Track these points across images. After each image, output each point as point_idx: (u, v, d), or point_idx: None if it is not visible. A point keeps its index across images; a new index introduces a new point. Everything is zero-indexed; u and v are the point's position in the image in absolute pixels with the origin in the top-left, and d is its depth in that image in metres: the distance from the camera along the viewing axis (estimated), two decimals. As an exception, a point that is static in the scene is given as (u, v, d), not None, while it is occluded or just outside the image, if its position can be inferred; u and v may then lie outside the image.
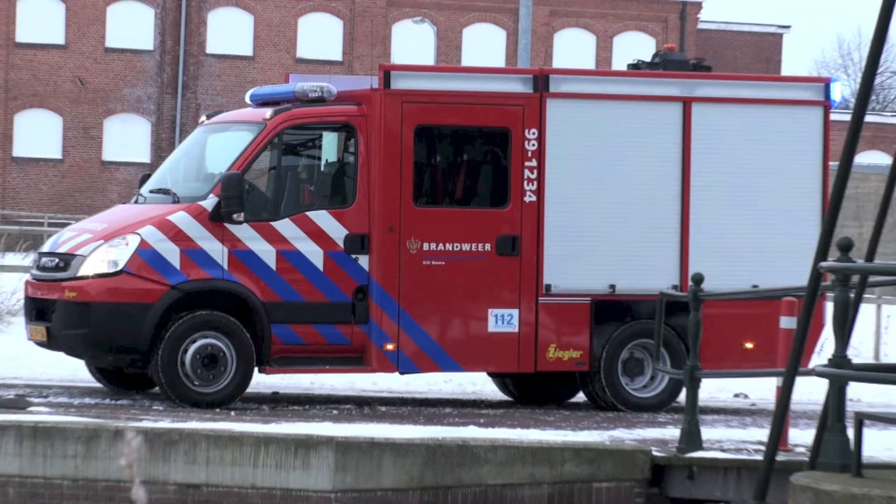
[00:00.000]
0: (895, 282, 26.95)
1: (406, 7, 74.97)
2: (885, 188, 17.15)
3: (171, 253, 22.13)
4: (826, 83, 25.57)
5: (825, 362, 16.22)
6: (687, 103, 23.89)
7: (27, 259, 30.03)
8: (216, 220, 22.17)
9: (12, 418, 19.78)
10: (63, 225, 31.99)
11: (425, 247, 22.78)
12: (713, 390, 22.94)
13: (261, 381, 22.92)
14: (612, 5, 76.75)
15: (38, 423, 19.58)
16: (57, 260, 22.84)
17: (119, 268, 22.14)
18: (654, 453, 19.13)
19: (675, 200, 23.59)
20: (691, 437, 18.83)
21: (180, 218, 22.27)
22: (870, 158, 64.62)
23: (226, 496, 18.73)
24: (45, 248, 23.97)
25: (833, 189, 17.57)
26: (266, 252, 22.33)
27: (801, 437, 17.51)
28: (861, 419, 15.36)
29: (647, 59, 26.26)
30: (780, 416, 17.03)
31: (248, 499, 18.73)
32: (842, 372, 15.54)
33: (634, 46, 65.44)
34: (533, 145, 23.18)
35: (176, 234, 22.17)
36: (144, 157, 67.19)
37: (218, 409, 21.53)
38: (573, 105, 23.67)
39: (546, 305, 23.09)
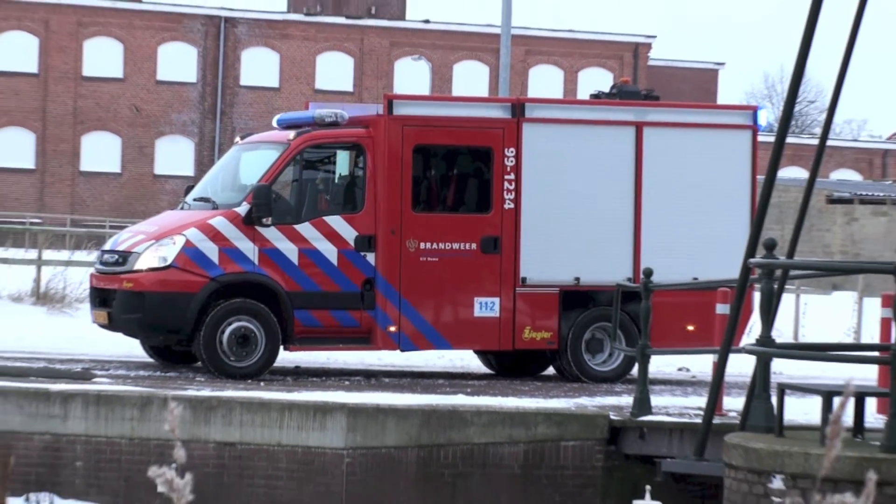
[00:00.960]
0: (811, 275, 27.10)
1: (406, 47, 74.81)
2: (802, 198, 17.29)
3: (211, 251, 22.12)
4: (754, 110, 25.61)
5: (753, 342, 16.37)
6: (639, 127, 23.82)
7: (92, 256, 30.00)
8: (248, 223, 22.15)
9: (80, 387, 19.85)
10: (121, 228, 32.05)
11: (422, 246, 22.76)
12: (661, 365, 22.96)
13: (285, 358, 22.89)
14: (576, 46, 76.58)
15: (101, 392, 19.63)
16: (117, 256, 22.81)
17: (168, 263, 22.11)
18: (612, 417, 19.11)
19: (630, 207, 23.52)
20: (642, 404, 18.82)
21: (219, 222, 22.29)
22: (790, 173, 64.54)
23: (256, 452, 18.76)
24: (107, 246, 23.94)
25: (760, 198, 17.71)
26: (290, 250, 22.32)
27: (734, 403, 17.54)
28: (783, 389, 15.43)
29: (606, 90, 26.29)
30: (716, 386, 17.11)
31: (274, 455, 18.74)
32: (767, 349, 15.65)
33: (595, 80, 65.26)
34: (511, 161, 23.15)
35: (215, 235, 22.15)
36: (189, 171, 66.95)
37: (249, 381, 21.50)
38: (545, 128, 23.61)
39: (522, 294, 23.07)
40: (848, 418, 14.80)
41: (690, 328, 22.67)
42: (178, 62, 72.03)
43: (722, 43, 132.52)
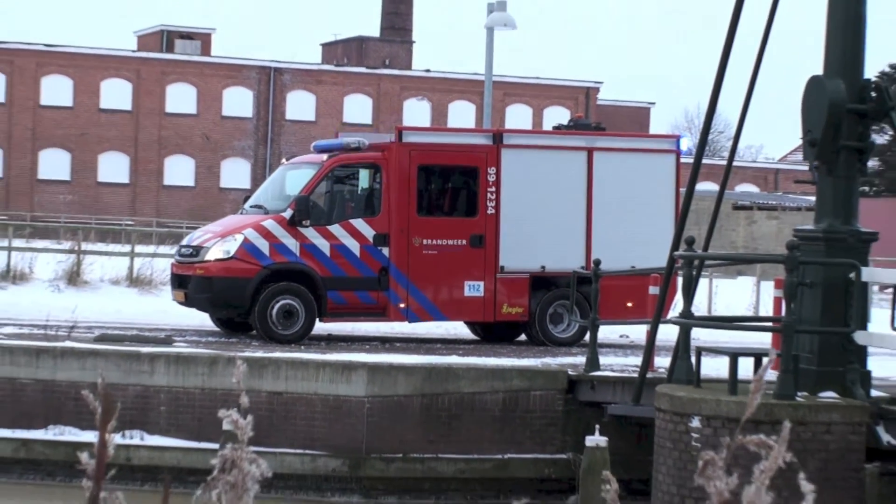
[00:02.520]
0: (721, 264, 26.95)
1: (412, 90, 74.83)
2: (714, 206, 17.27)
3: (263, 245, 22.10)
4: (677, 139, 25.63)
5: (677, 315, 16.33)
6: (590, 151, 23.75)
7: (172, 249, 29.95)
8: (291, 225, 22.11)
9: (164, 350, 19.85)
10: (195, 228, 32.00)
11: (424, 242, 22.72)
12: (607, 333, 22.96)
13: (320, 327, 22.85)
14: (542, 89, 76.60)
15: (179, 353, 19.64)
16: (191, 250, 22.78)
17: (230, 255, 22.07)
18: (569, 373, 19.12)
19: (583, 212, 23.46)
20: (593, 363, 18.84)
21: (269, 224, 22.26)
22: (704, 187, 64.34)
23: (298, 399, 18.75)
24: (184, 242, 23.92)
25: (682, 206, 17.70)
26: (323, 245, 22.28)
27: (662, 362, 17.54)
28: (700, 351, 15.39)
29: (565, 123, 26.33)
30: (649, 349, 17.10)
31: (312, 401, 18.72)
32: (687, 321, 15.64)
33: (556, 115, 65.25)
34: (493, 178, 23.10)
35: (266, 234, 22.11)
36: (246, 185, 66.88)
37: (293, 345, 21.54)
38: (518, 152, 23.53)
39: (501, 279, 23.00)
40: (748, 373, 14.76)
41: (629, 305, 22.63)
42: (238, 102, 72.07)
43: (653, 87, 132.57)
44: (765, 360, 14.84)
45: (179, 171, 71.08)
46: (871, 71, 15.57)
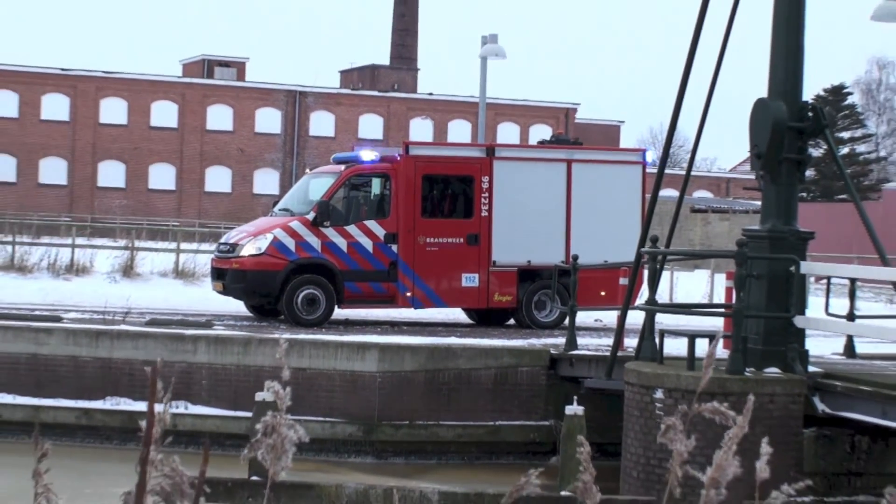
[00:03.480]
0: (681, 259, 26.86)
1: (417, 110, 74.75)
2: (675, 209, 17.28)
3: (290, 243, 22.10)
4: (643, 152, 25.65)
5: (643, 302, 16.40)
6: (569, 163, 23.76)
7: (212, 247, 29.94)
8: (314, 225, 22.12)
9: (204, 332, 19.85)
10: (231, 228, 31.98)
11: (428, 240, 22.71)
12: (583, 318, 23.00)
13: (338, 313, 22.90)
14: (527, 109, 76.49)
15: (218, 335, 19.65)
16: (228, 247, 22.78)
17: (262, 251, 22.08)
18: (552, 351, 19.15)
19: (563, 215, 23.45)
20: (571, 343, 18.84)
21: (295, 224, 22.27)
22: (667, 193, 64.46)
23: (319, 374, 18.73)
24: (222, 240, 23.93)
25: (647, 209, 17.70)
26: (341, 242, 22.29)
27: (631, 343, 17.54)
28: (662, 333, 15.39)
29: (548, 138, 26.32)
30: (619, 331, 17.08)
31: (331, 376, 18.71)
32: (652, 307, 15.66)
33: (540, 132, 65.43)
34: (486, 185, 23.11)
35: (293, 233, 22.13)
36: (275, 191, 66.70)
37: (315, 328, 21.58)
38: (508, 164, 23.54)
39: (493, 272, 22.98)
40: (704, 352, 14.74)
41: (602, 293, 22.60)
42: (268, 120, 72.06)
43: (623, 108, 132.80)
44: (713, 342, 14.85)
45: (218, 179, 71.06)
46: (809, 94, 15.56)
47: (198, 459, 2.85)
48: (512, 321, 23.64)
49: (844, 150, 72.33)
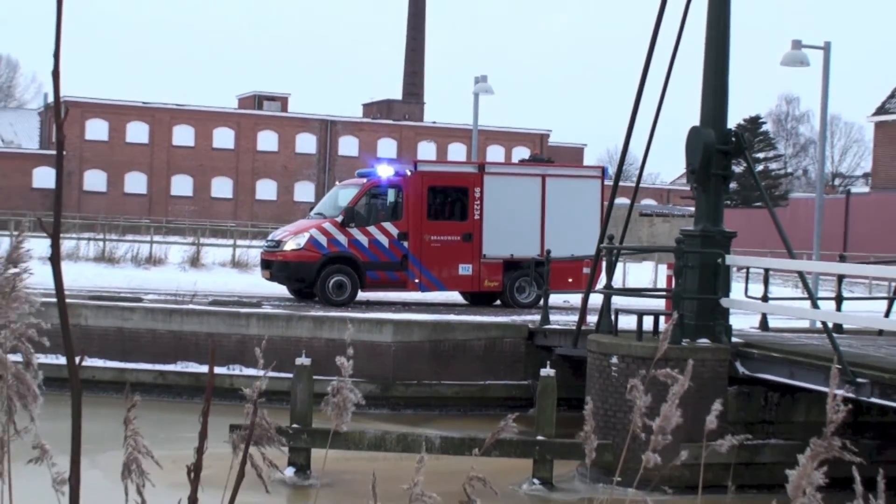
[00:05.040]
0: (631, 253, 26.71)
1: (424, 136, 74.59)
2: (627, 214, 17.27)
3: (323, 240, 22.06)
4: (602, 168, 25.61)
5: (602, 287, 16.41)
6: (544, 177, 23.75)
7: (261, 243, 29.90)
8: (342, 226, 22.05)
9: (255, 310, 19.82)
10: (276, 228, 31.92)
11: (432, 238, 22.68)
12: (554, 299, 23.02)
13: (361, 296, 22.89)
14: (511, 135, 76.11)
15: (266, 313, 19.60)
16: (275, 242, 22.73)
17: (301, 246, 22.06)
18: (529, 326, 19.16)
19: (539, 218, 23.44)
20: (545, 319, 18.84)
21: (327, 225, 22.22)
22: (620, 201, 64.55)
23: (345, 344, 18.77)
24: (270, 237, 23.80)
25: (605, 214, 17.65)
26: (364, 239, 22.24)
27: (592, 319, 17.56)
28: (617, 311, 15.37)
29: (527, 157, 26.27)
30: (583, 310, 17.03)
31: (356, 345, 18.61)
32: (609, 291, 15.61)
33: (521, 153, 65.24)
34: (478, 194, 23.09)
35: (325, 232, 22.10)
36: (311, 199, 66.68)
37: (342, 308, 21.56)
38: (496, 178, 23.47)
39: (484, 263, 22.94)
40: (648, 326, 14.73)
41: (570, 280, 22.66)
42: (306, 143, 71.87)
43: (586, 133, 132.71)
44: (669, 320, 14.84)
45: (266, 190, 70.80)
46: (732, 123, 15.58)
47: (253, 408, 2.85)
48: (498, 302, 23.60)
49: (760, 168, 72.36)
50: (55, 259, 2.17)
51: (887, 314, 16.81)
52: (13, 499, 2.35)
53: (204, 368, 18.67)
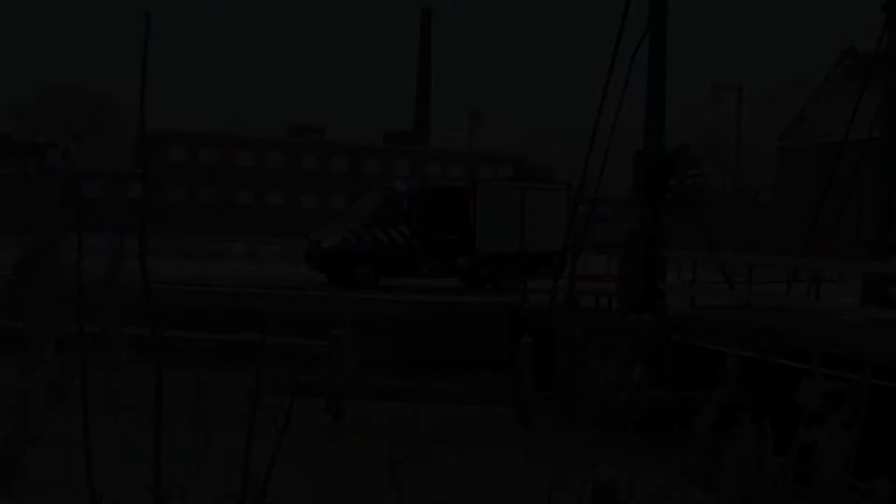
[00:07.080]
0: (593, 249, 26.56)
1: (431, 159, 74.63)
2: (587, 218, 17.24)
3: (353, 238, 21.80)
4: (567, 183, 25.38)
5: (568, 274, 16.38)
6: (524, 189, 23.76)
7: (305, 241, 29.82)
8: (368, 227, 21.83)
9: (316, 294, 19.65)
10: (316, 230, 31.81)
11: (437, 236, 22.53)
12: (531, 285, 22.96)
13: (383, 282, 22.76)
14: (497, 158, 75.89)
15: (312, 294, 19.44)
16: (315, 240, 22.60)
17: (336, 243, 22.09)
18: (512, 305, 19.27)
19: (519, 221, 23.30)
20: (524, 299, 18.78)
21: (356, 227, 21.98)
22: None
23: (370, 317, 18.64)
24: (311, 236, 23.60)
25: (570, 218, 17.59)
26: (384, 238, 21.91)
27: (561, 299, 17.43)
28: (580, 293, 15.46)
29: (510, 175, 26.20)
30: (554, 292, 17.13)
31: (377, 318, 18.66)
32: (573, 277, 15.71)
33: (505, 171, 65.06)
34: (472, 204, 23.09)
35: (354, 232, 21.83)
36: (342, 207, 66.72)
37: (368, 291, 21.47)
38: (486, 191, 23.34)
39: (477, 256, 22.91)
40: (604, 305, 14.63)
41: (543, 269, 22.61)
42: (339, 164, 71.62)
43: (554, 156, 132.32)
44: (600, 298, 14.76)
45: (309, 200, 70.73)
46: (668, 147, 15.60)
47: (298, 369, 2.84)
48: (489, 286, 23.62)
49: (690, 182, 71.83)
50: (142, 253, 2.16)
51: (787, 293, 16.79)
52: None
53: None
